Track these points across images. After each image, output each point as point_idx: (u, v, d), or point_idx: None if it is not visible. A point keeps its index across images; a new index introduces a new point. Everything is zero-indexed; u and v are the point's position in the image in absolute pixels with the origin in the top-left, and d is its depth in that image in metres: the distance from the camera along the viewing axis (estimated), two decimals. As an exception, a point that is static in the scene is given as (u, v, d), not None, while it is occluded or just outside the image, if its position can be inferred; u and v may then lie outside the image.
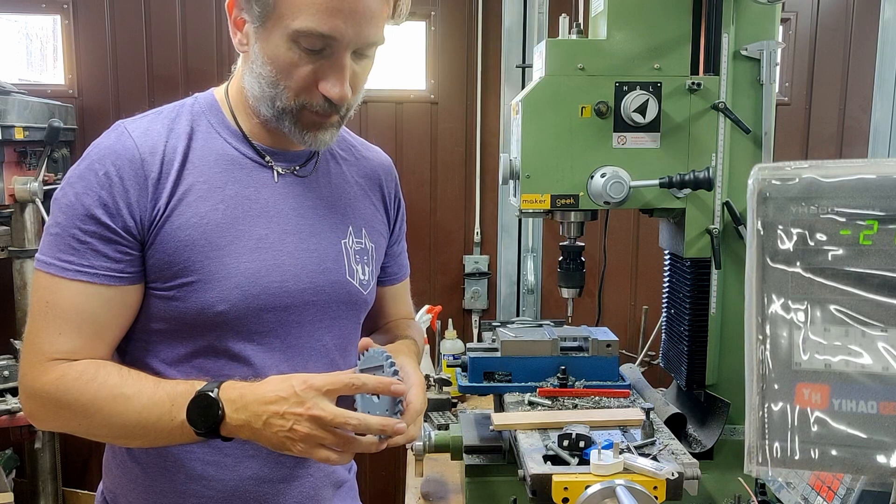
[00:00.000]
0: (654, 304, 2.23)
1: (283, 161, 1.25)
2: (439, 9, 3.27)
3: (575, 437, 1.38)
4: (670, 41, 1.63)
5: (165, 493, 1.22)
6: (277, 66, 1.13)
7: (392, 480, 3.41)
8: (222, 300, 1.15)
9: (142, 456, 1.23)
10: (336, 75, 1.13)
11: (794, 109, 3.37)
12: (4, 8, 3.27)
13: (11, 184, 2.87)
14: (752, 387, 0.83)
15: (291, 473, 1.25)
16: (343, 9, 1.08)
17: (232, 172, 1.20)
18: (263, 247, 1.19)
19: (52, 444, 3.14)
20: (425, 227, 3.39)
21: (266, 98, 1.16)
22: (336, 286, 1.26)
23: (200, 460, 1.20)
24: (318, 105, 1.15)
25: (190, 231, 1.14)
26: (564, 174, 1.63)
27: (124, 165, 1.13)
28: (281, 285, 1.19)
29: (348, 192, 1.33)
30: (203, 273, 1.14)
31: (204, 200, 1.16)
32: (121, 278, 1.13)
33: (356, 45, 1.12)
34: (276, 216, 1.21)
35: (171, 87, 3.15)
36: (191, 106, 1.24)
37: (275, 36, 1.11)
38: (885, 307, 0.79)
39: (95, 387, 1.10)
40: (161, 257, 1.14)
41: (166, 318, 1.17)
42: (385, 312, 1.48)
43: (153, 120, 1.20)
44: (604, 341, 1.78)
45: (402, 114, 3.33)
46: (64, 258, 1.11)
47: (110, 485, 1.29)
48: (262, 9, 1.11)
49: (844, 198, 0.81)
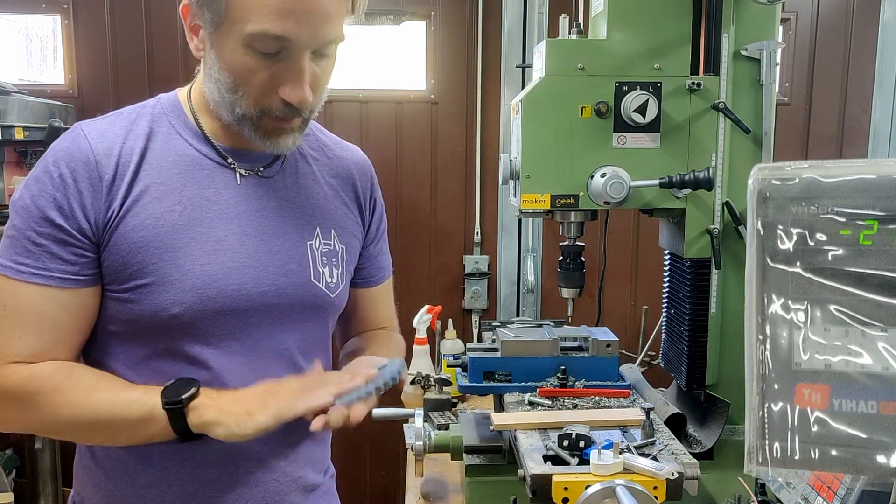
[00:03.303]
0: (654, 304, 2.23)
1: (247, 162, 1.24)
2: (439, 9, 3.27)
3: (575, 437, 1.37)
4: (670, 41, 1.63)
5: (127, 497, 1.22)
6: (234, 72, 1.11)
7: (392, 480, 3.42)
8: (176, 303, 1.14)
9: (105, 460, 1.23)
10: (294, 79, 1.11)
11: (794, 109, 3.37)
12: (4, 8, 3.27)
13: (11, 184, 2.87)
14: (752, 387, 0.83)
15: (252, 478, 1.24)
16: (296, 9, 1.06)
17: (191, 173, 1.19)
18: (222, 249, 1.17)
19: (53, 444, 3.14)
20: (425, 227, 3.39)
21: (226, 103, 1.15)
22: (299, 288, 1.24)
23: (160, 465, 1.20)
24: (279, 110, 1.14)
25: (144, 233, 1.13)
26: (564, 174, 1.63)
27: (78, 167, 1.12)
28: (239, 288, 1.18)
29: (317, 192, 1.31)
30: (157, 275, 1.13)
31: (160, 202, 1.15)
32: (77, 280, 1.13)
33: (313, 45, 1.10)
34: (236, 218, 1.20)
35: (171, 87, 3.10)
36: (152, 107, 1.23)
37: (230, 41, 1.10)
38: (885, 307, 0.79)
39: (69, 385, 1.11)
40: (116, 259, 1.13)
41: (123, 320, 1.16)
42: (362, 316, 1.46)
43: (112, 122, 1.19)
44: (604, 341, 1.78)
45: (402, 114, 3.33)
46: (20, 261, 1.11)
47: (79, 488, 1.30)
48: (215, 14, 1.09)
49: (844, 198, 0.81)
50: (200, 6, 1.10)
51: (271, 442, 1.23)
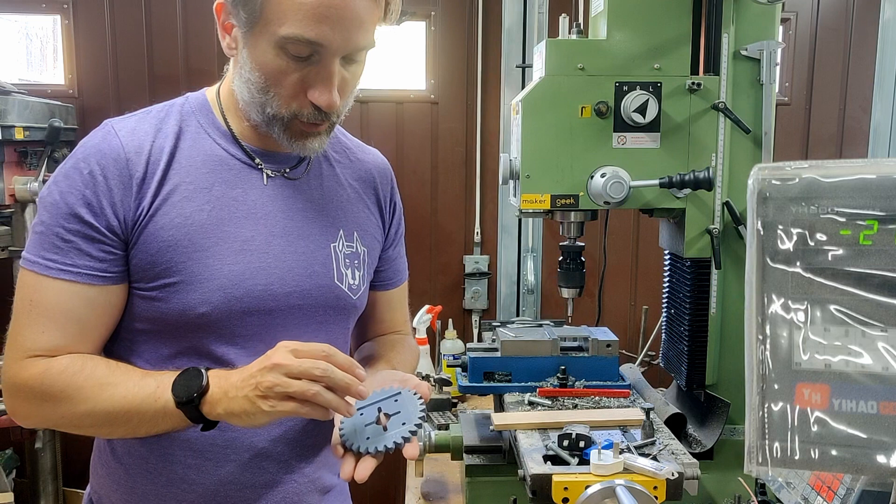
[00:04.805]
0: (654, 304, 2.23)
1: (273, 163, 1.24)
2: (439, 9, 3.27)
3: (575, 437, 1.38)
4: (670, 41, 1.63)
5: (147, 495, 1.21)
6: (266, 73, 1.12)
7: (392, 480, 3.41)
8: (204, 302, 1.14)
9: (125, 457, 1.23)
10: (324, 83, 1.12)
11: (794, 109, 3.38)
12: (4, 8, 3.27)
13: (12, 184, 2.87)
14: (752, 387, 0.83)
15: (273, 479, 1.24)
16: (330, 15, 1.07)
17: (220, 173, 1.19)
18: (249, 249, 1.18)
19: (53, 444, 3.14)
20: (425, 227, 3.39)
21: (256, 104, 1.16)
22: (323, 290, 1.24)
23: (182, 463, 1.20)
24: (308, 114, 1.14)
25: (174, 231, 1.14)
26: (564, 174, 1.63)
27: (109, 165, 1.12)
28: (266, 288, 1.18)
29: (341, 194, 1.32)
30: (186, 274, 1.14)
31: (189, 201, 1.16)
32: (104, 278, 1.13)
33: (344, 51, 1.11)
34: (263, 218, 1.20)
35: (171, 87, 3.14)
36: (181, 106, 1.23)
37: (262, 42, 1.10)
38: (885, 307, 0.79)
39: (82, 378, 1.11)
40: (144, 257, 1.14)
41: (149, 318, 1.16)
42: (378, 319, 1.46)
43: (141, 119, 1.20)
44: (604, 341, 1.78)
45: (402, 114, 3.33)
46: (48, 257, 1.11)
47: (96, 486, 1.29)
48: (250, 14, 1.10)
49: (844, 198, 0.81)
50: (235, 5, 1.11)
51: (293, 443, 1.24)
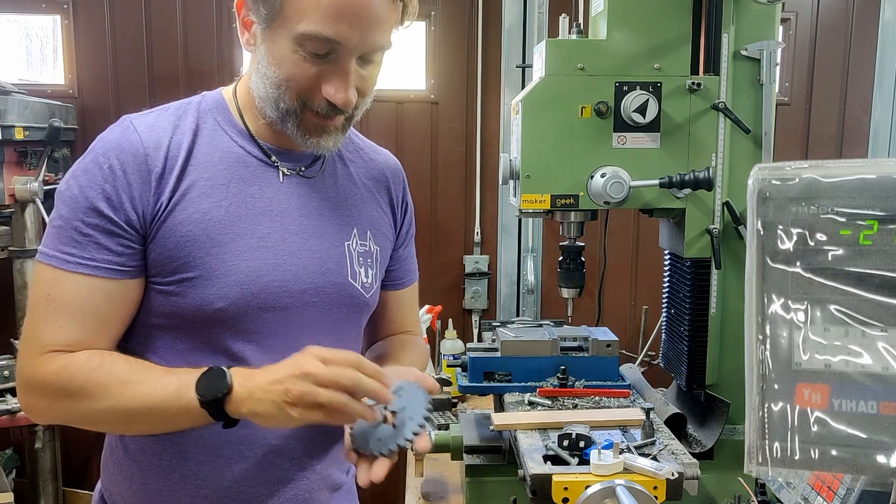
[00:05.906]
0: (654, 304, 2.23)
1: (289, 161, 1.25)
2: (439, 9, 3.27)
3: (575, 437, 1.38)
4: (670, 41, 1.63)
5: (160, 491, 1.22)
6: (282, 68, 1.13)
7: (392, 480, 3.41)
8: (221, 297, 1.15)
9: (138, 454, 1.23)
10: (340, 80, 1.13)
11: (794, 109, 3.37)
12: (4, 8, 3.27)
13: (12, 184, 2.87)
14: (752, 387, 0.83)
15: (286, 476, 1.25)
16: (348, 14, 1.08)
17: (236, 170, 1.20)
18: (265, 245, 1.19)
19: (53, 444, 3.13)
20: (426, 227, 3.39)
21: (270, 99, 1.17)
22: (337, 288, 1.25)
23: (195, 460, 1.20)
24: (321, 106, 1.15)
25: (192, 227, 1.15)
26: (564, 174, 1.63)
27: (128, 159, 1.13)
28: (281, 285, 1.19)
29: (355, 193, 1.33)
30: (203, 269, 1.14)
31: (207, 197, 1.17)
32: (122, 272, 1.13)
33: (361, 50, 1.12)
34: (279, 215, 1.22)
35: (172, 87, 3.14)
36: (198, 103, 1.24)
37: (280, 38, 1.11)
38: (885, 307, 0.79)
39: (102, 374, 1.10)
40: (162, 252, 1.14)
41: (166, 313, 1.17)
42: (388, 318, 1.46)
43: (159, 116, 1.21)
44: (604, 341, 1.78)
45: (402, 114, 3.33)
46: (66, 251, 1.11)
47: (107, 482, 1.29)
48: (269, 11, 1.11)
49: (844, 198, 0.81)
50: (256, 1, 1.12)
51: (306, 440, 1.24)
